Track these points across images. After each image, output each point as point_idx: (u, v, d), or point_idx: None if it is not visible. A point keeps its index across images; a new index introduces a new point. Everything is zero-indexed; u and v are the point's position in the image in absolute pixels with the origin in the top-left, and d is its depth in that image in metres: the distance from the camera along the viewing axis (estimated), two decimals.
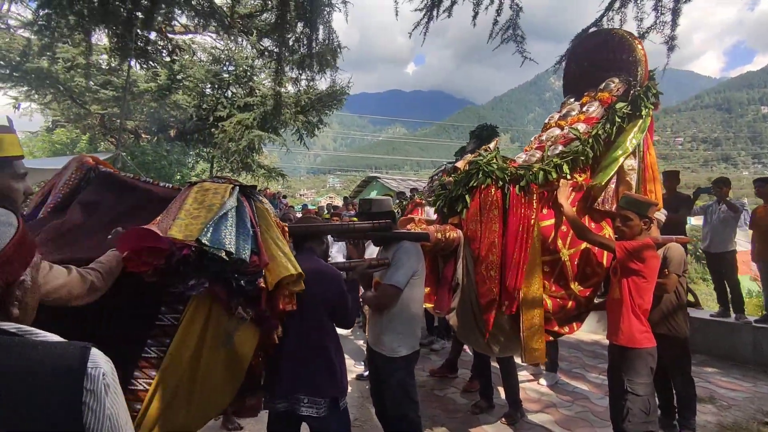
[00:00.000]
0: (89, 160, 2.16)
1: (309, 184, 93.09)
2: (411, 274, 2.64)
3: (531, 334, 2.90)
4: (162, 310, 1.74)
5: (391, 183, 17.80)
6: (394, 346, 2.65)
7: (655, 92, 3.35)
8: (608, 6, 3.95)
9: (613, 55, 3.57)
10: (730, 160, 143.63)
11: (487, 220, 2.96)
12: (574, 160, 3.10)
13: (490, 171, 2.99)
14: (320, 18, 5.84)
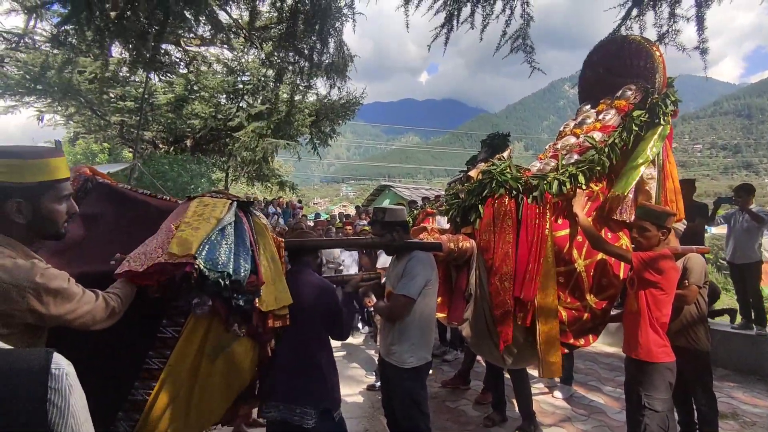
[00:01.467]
0: (86, 171, 2.19)
1: (322, 193, 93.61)
2: (424, 284, 2.62)
3: (548, 348, 2.84)
4: (163, 322, 1.79)
5: (404, 192, 17.81)
6: (405, 356, 2.63)
7: (674, 99, 3.27)
8: (626, 15, 3.90)
9: (630, 61, 3.50)
10: (752, 168, 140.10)
11: (501, 231, 2.92)
12: (589, 169, 3.03)
13: (504, 180, 2.95)
14: (331, 30, 5.91)
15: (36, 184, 1.34)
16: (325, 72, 9.17)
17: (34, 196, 1.34)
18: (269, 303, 1.90)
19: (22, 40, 11.44)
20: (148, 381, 1.74)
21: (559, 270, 2.97)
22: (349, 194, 79.58)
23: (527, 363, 3.13)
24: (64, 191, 1.42)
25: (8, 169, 1.29)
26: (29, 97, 12.18)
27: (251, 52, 14.59)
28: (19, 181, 1.30)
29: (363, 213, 13.48)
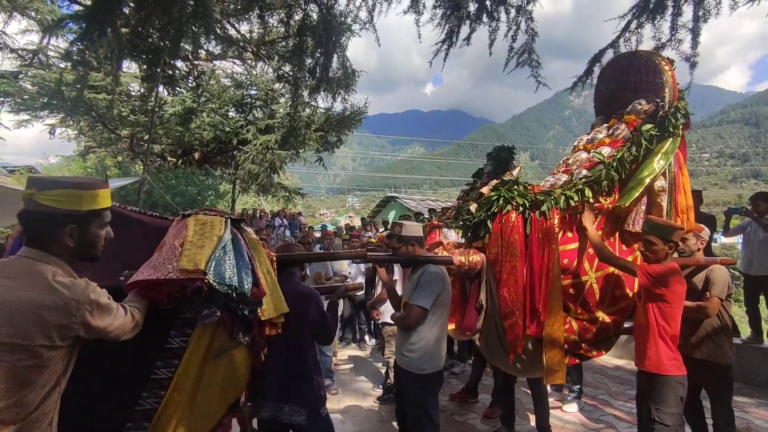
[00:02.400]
0: None
1: (328, 204, 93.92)
2: (436, 295, 2.79)
3: (552, 356, 2.93)
4: (171, 333, 1.88)
5: (410, 203, 17.81)
6: (419, 363, 2.78)
7: (685, 113, 3.32)
8: (625, 27, 3.95)
9: (640, 76, 3.58)
10: (761, 176, 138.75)
11: (508, 245, 3.04)
12: (596, 183, 3.12)
13: (511, 197, 3.09)
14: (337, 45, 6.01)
15: (88, 212, 1.50)
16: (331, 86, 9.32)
17: (85, 222, 1.50)
18: (269, 312, 2.05)
19: (37, 56, 11.73)
20: (156, 390, 1.82)
21: (570, 282, 3.06)
22: (355, 205, 79.81)
23: (537, 372, 3.15)
24: (106, 218, 1.59)
25: (67, 198, 1.45)
26: (42, 112, 12.43)
27: (258, 66, 14.84)
28: (76, 209, 1.47)
29: (368, 225, 13.51)
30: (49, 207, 1.42)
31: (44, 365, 1.32)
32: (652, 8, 3.83)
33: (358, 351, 6.65)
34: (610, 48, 4.11)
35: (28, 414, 1.29)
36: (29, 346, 1.28)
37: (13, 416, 1.26)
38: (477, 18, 4.41)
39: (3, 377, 1.25)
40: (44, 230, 1.44)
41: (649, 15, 3.86)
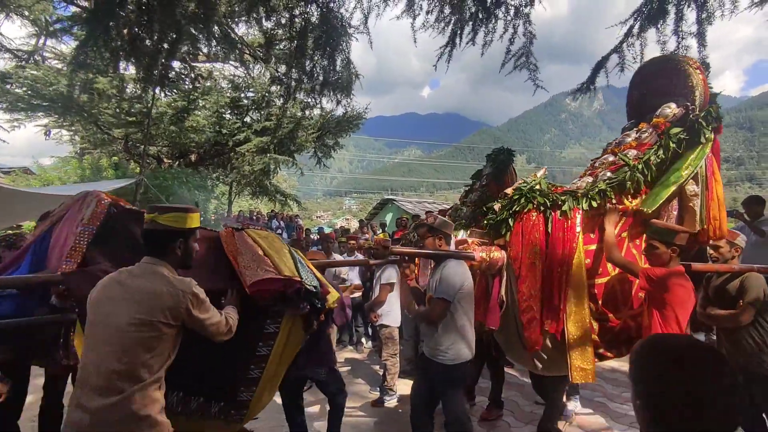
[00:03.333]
0: (105, 197, 2.58)
1: (325, 206, 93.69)
2: (458, 288, 2.95)
3: (578, 353, 2.99)
4: (267, 322, 2.45)
5: (407, 205, 17.81)
6: (450, 354, 2.95)
7: (716, 115, 3.32)
8: (627, 32, 3.97)
9: (670, 81, 3.59)
10: (755, 180, 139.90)
11: (528, 242, 3.14)
12: (620, 185, 3.16)
13: (532, 196, 3.19)
14: (338, 48, 6.01)
15: (189, 230, 2.03)
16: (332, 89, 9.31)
17: (187, 237, 2.02)
18: (331, 302, 2.62)
19: (32, 57, 11.69)
20: (260, 363, 2.43)
21: (591, 282, 3.11)
22: (352, 207, 79.68)
23: (559, 370, 3.18)
24: (197, 235, 2.13)
25: (178, 219, 1.98)
26: (36, 113, 12.37)
27: (256, 69, 14.83)
28: (183, 227, 1.99)
29: (366, 227, 13.51)
30: (167, 226, 1.95)
31: (162, 338, 1.82)
32: (654, 13, 3.85)
33: (355, 354, 6.64)
34: (614, 53, 4.13)
35: (151, 375, 1.79)
36: (152, 322, 1.80)
37: (143, 375, 1.76)
38: (479, 20, 4.42)
39: (137, 344, 1.77)
40: (162, 243, 1.96)
41: (651, 20, 3.88)
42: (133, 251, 2.24)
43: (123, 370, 1.74)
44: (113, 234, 2.46)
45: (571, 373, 2.98)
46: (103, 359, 1.75)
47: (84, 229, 2.40)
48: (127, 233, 2.48)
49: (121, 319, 1.78)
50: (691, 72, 3.43)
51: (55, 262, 2.39)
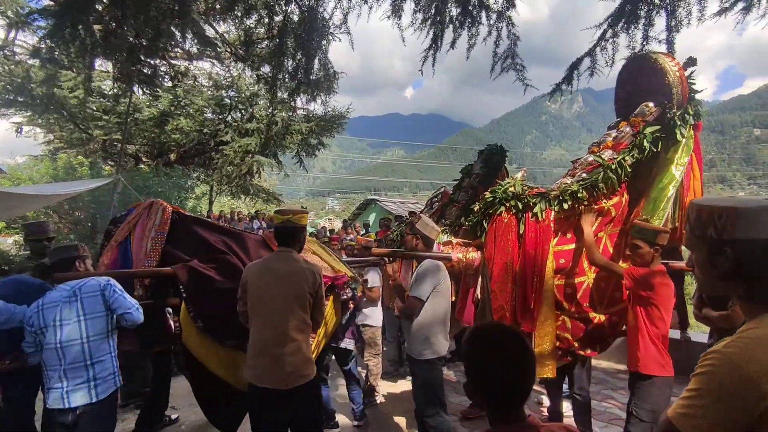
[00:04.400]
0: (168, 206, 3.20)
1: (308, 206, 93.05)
2: (432, 287, 3.06)
3: (542, 351, 3.08)
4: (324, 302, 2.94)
5: (390, 206, 17.84)
6: (420, 349, 3.05)
7: (694, 113, 3.32)
8: (601, 36, 4.06)
9: (650, 79, 3.58)
10: (726, 182, 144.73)
11: (501, 244, 3.22)
12: (593, 186, 3.19)
13: (505, 199, 3.28)
14: (318, 47, 5.97)
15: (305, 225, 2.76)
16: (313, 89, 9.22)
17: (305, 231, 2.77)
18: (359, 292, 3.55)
19: (2, 51, 11.26)
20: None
21: (566, 282, 3.20)
22: (335, 207, 79.35)
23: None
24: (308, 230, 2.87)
25: (302, 218, 2.70)
26: (8, 109, 11.94)
27: (237, 67, 14.60)
28: (305, 224, 2.72)
29: (349, 227, 13.45)
30: (296, 224, 2.65)
31: (309, 303, 2.54)
32: (626, 18, 3.94)
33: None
34: (587, 56, 4.21)
35: (308, 330, 2.57)
36: (304, 292, 2.51)
37: (305, 329, 2.54)
38: (461, 24, 4.45)
39: (298, 309, 2.50)
40: (294, 236, 2.67)
41: (624, 25, 3.97)
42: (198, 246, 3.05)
43: (292, 326, 2.46)
44: (181, 235, 3.11)
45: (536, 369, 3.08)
46: (277, 322, 2.46)
47: (158, 233, 3.06)
48: (191, 233, 3.13)
49: (286, 293, 2.48)
50: (668, 69, 3.42)
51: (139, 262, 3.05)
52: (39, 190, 7.90)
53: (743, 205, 1.07)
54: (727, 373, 0.99)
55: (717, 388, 1.00)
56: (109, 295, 2.53)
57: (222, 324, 2.88)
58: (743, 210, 1.06)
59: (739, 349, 1.00)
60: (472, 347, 1.26)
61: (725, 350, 1.02)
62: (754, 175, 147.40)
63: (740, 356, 0.99)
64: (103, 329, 2.53)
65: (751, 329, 1.04)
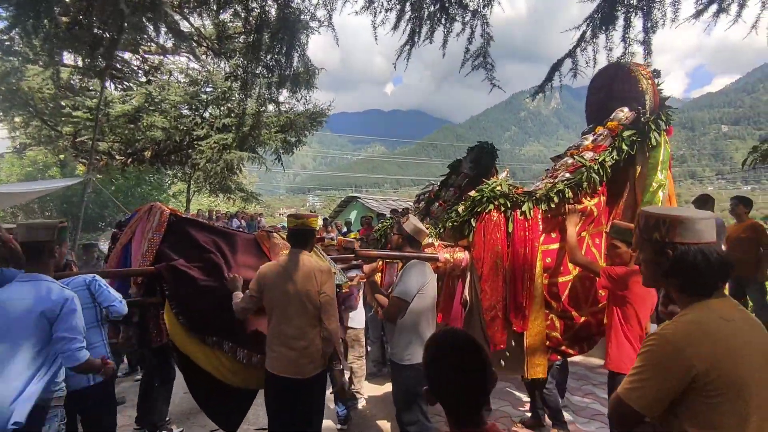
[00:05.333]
0: (166, 208, 3.29)
1: (288, 203, 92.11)
2: (417, 288, 2.93)
3: (533, 350, 3.08)
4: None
5: (371, 203, 17.76)
6: (404, 354, 2.92)
7: (666, 119, 3.53)
8: (580, 37, 4.08)
9: (623, 86, 3.81)
10: (696, 177, 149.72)
11: (490, 242, 3.19)
12: (577, 185, 3.29)
13: (493, 197, 3.25)
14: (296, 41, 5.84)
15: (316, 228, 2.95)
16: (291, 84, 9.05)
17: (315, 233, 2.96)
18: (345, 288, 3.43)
19: None
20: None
21: (553, 281, 3.22)
22: (316, 204, 78.80)
23: (519, 369, 3.26)
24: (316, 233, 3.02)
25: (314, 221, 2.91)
26: None
27: (214, 63, 14.27)
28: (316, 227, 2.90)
29: (330, 225, 13.32)
30: (309, 227, 2.84)
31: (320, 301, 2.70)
32: (603, 20, 3.97)
33: None
34: (568, 57, 4.23)
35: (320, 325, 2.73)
36: (316, 291, 2.68)
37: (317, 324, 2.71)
38: (438, 20, 4.41)
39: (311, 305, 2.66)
40: (306, 238, 2.84)
41: (601, 26, 4.00)
42: (188, 246, 3.14)
43: (306, 322, 2.66)
44: (176, 236, 3.19)
45: (527, 370, 3.09)
46: (293, 318, 2.66)
47: (154, 234, 3.17)
48: (184, 234, 3.20)
49: (301, 292, 2.64)
50: (640, 78, 3.65)
51: (136, 263, 3.17)
52: (6, 188, 7.55)
53: (683, 214, 1.33)
54: (664, 350, 1.24)
55: (656, 363, 1.25)
56: (94, 289, 2.76)
57: (203, 321, 3.02)
58: (683, 219, 1.31)
59: (673, 330, 1.26)
60: (429, 354, 1.28)
61: (662, 332, 1.28)
62: (722, 170, 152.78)
63: (674, 335, 1.25)
64: (93, 320, 2.78)
65: (683, 315, 1.30)
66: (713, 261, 1.28)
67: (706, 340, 1.21)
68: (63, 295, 2.28)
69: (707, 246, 1.29)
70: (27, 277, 2.31)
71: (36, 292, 2.24)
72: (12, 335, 2.19)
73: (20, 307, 2.20)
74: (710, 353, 1.19)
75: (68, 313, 2.25)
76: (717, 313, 1.27)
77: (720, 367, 1.19)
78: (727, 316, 1.26)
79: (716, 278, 1.32)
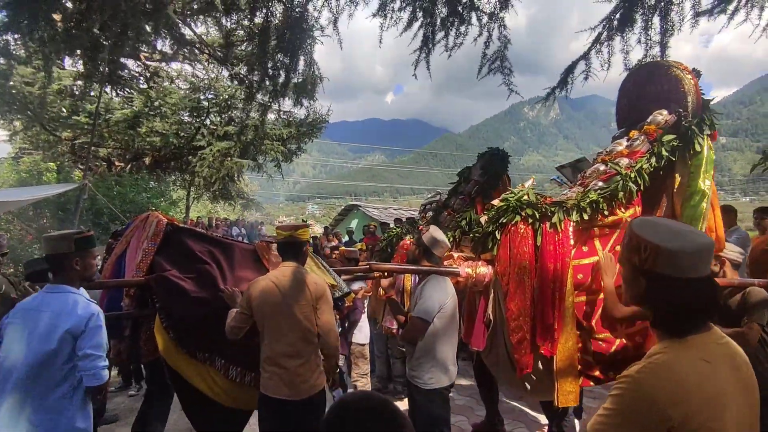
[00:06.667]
0: (163, 217, 3.19)
1: (288, 211, 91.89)
2: (438, 307, 2.74)
3: (564, 376, 2.79)
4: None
5: (372, 212, 17.58)
6: (425, 377, 2.74)
7: (710, 122, 3.20)
8: (595, 39, 3.95)
9: (661, 86, 3.49)
10: None
11: (516, 257, 2.90)
12: (612, 195, 3.00)
13: (520, 207, 2.97)
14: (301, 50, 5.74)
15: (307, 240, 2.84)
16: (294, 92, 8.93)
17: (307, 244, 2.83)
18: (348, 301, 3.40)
19: None
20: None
21: (584, 299, 2.91)
22: (315, 213, 78.58)
23: (549, 393, 2.94)
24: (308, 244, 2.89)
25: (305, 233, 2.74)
26: None
27: (216, 70, 14.19)
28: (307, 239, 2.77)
29: (330, 234, 13.14)
30: (300, 238, 2.71)
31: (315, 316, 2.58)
32: (619, 21, 3.85)
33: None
34: (582, 60, 4.10)
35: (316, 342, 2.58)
36: (310, 306, 2.55)
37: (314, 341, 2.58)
38: (451, 24, 4.28)
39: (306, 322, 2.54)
40: (298, 251, 2.70)
41: (618, 28, 3.87)
42: (183, 256, 3.03)
43: (300, 339, 2.53)
44: (171, 246, 3.09)
45: (558, 397, 2.79)
46: (286, 335, 2.52)
47: (149, 244, 3.06)
48: (180, 244, 3.10)
49: (293, 307, 2.52)
50: (682, 77, 3.31)
51: (130, 274, 3.05)
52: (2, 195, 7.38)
53: (668, 245, 1.15)
54: (636, 397, 1.11)
55: (627, 410, 1.12)
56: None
57: (193, 335, 2.88)
58: (667, 250, 1.14)
59: (647, 375, 1.12)
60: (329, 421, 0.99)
61: (636, 375, 1.14)
62: (720, 181, 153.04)
63: (648, 382, 1.11)
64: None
65: (657, 354, 1.16)
66: (695, 300, 1.14)
67: (681, 388, 1.07)
68: (89, 309, 2.23)
69: (694, 281, 1.13)
70: (52, 288, 2.27)
71: (61, 304, 2.20)
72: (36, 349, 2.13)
73: (45, 320, 2.17)
74: (686, 402, 1.06)
75: (94, 329, 2.21)
76: (696, 353, 1.13)
77: (698, 419, 1.06)
78: (708, 356, 1.12)
79: (697, 317, 1.17)
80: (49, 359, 2.12)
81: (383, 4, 4.26)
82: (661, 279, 1.15)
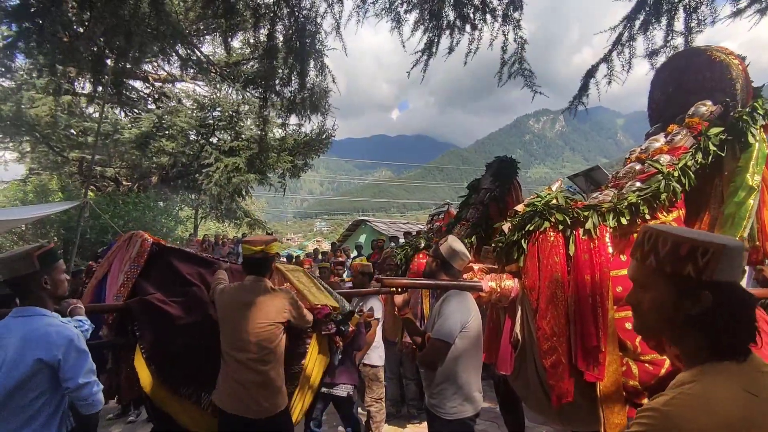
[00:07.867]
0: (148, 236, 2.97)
1: (295, 229, 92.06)
2: (460, 326, 2.47)
3: (611, 405, 2.40)
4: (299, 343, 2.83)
5: (380, 227, 17.40)
6: (448, 406, 2.46)
7: (765, 112, 2.81)
8: (617, 39, 3.76)
9: (703, 75, 3.09)
10: None
11: (547, 268, 2.53)
12: (654, 197, 2.63)
13: (548, 212, 2.61)
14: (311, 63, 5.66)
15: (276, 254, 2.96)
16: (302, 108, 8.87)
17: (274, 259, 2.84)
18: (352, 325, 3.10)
19: None
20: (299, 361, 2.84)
21: (625, 315, 2.48)
22: (323, 229, 78.59)
23: (587, 424, 2.57)
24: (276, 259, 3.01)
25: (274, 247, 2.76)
26: None
27: (223, 88, 14.27)
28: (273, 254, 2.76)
29: (338, 250, 12.92)
30: (267, 254, 2.65)
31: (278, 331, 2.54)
32: (645, 18, 3.64)
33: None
34: (603, 62, 3.90)
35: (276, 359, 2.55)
36: (274, 322, 2.51)
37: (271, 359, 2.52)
38: (459, 29, 4.12)
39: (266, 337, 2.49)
40: (266, 265, 2.68)
41: (642, 26, 3.67)
42: (169, 279, 2.84)
43: (257, 355, 2.45)
44: (157, 267, 2.87)
45: (605, 430, 2.37)
46: (245, 350, 2.44)
47: (131, 266, 2.83)
48: (166, 265, 2.88)
49: (252, 322, 2.45)
50: (729, 62, 2.93)
51: (111, 299, 2.82)
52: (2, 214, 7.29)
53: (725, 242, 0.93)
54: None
55: None
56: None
57: (176, 368, 2.65)
58: (731, 247, 0.92)
59: (678, 408, 0.91)
60: None
61: (664, 408, 0.92)
62: None
63: (679, 416, 0.89)
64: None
65: (688, 384, 0.94)
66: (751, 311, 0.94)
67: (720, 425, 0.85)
68: (65, 334, 1.94)
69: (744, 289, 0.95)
70: (20, 311, 1.97)
71: (29, 330, 1.90)
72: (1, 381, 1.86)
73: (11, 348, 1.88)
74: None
75: (80, 355, 1.96)
76: (740, 383, 0.89)
77: None
78: (754, 388, 0.88)
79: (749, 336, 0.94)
80: (15, 393, 1.86)
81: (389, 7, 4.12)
82: (727, 288, 0.93)
